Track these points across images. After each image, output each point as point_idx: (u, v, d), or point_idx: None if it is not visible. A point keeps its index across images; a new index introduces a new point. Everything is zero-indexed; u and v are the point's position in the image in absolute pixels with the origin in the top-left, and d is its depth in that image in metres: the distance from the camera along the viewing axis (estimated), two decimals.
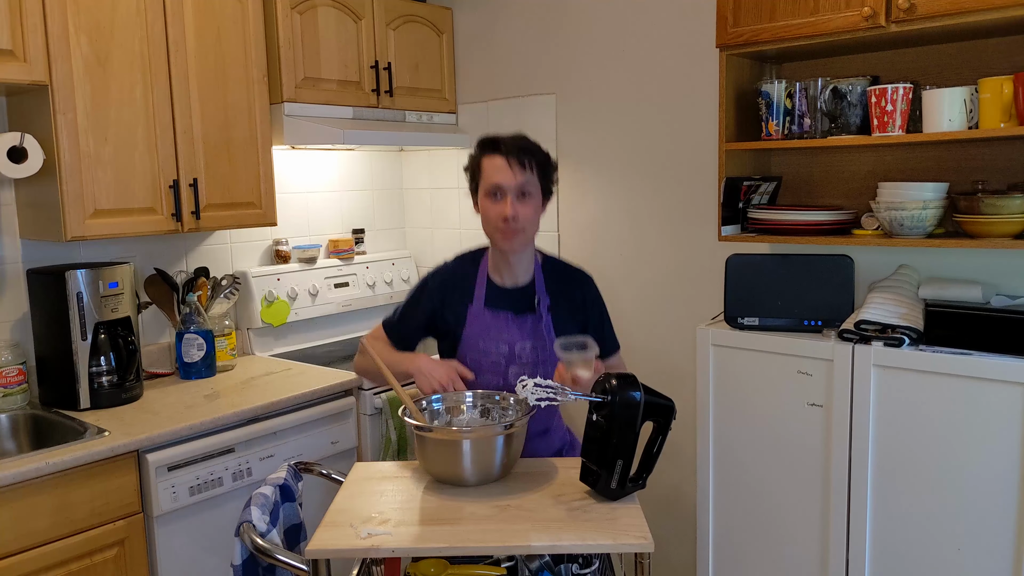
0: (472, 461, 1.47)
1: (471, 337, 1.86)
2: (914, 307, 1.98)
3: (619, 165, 2.80)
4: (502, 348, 1.84)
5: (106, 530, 1.98)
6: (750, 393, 2.12)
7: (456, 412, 1.68)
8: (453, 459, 1.48)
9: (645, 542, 1.30)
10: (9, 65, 2.01)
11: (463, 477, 1.49)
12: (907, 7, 1.83)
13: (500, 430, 1.48)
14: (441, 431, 1.51)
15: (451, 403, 1.69)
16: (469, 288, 1.89)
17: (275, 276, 2.92)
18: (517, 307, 1.86)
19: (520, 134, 1.82)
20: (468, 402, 1.69)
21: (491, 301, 1.87)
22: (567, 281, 1.91)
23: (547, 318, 1.85)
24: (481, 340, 1.85)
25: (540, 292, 1.87)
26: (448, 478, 1.51)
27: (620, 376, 1.46)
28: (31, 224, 2.30)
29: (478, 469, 1.49)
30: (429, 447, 1.49)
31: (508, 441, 1.49)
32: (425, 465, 1.53)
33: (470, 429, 1.55)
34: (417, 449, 1.53)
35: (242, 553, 1.46)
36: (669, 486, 2.78)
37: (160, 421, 2.11)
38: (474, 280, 1.90)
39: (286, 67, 2.62)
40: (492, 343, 1.84)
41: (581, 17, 2.84)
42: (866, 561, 1.96)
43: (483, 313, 1.86)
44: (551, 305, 1.87)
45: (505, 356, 1.84)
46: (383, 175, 3.42)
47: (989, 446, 1.77)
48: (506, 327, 1.84)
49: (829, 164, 2.31)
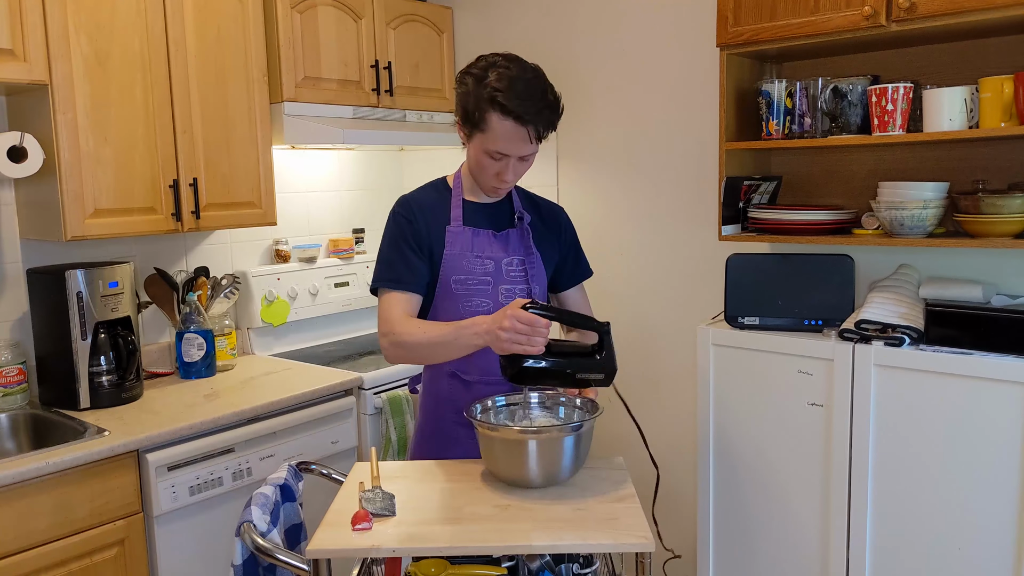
0: (538, 462, 1.44)
1: (452, 257, 1.73)
2: (914, 307, 1.98)
3: (619, 165, 2.80)
4: (488, 265, 1.74)
5: (106, 530, 1.98)
6: (750, 393, 2.12)
7: (521, 409, 1.62)
8: (519, 460, 1.44)
9: (646, 542, 1.30)
10: (9, 64, 2.01)
11: (528, 478, 1.46)
12: (908, 6, 1.83)
13: (568, 431, 1.44)
14: (505, 430, 1.45)
15: (513, 400, 1.63)
16: (444, 210, 1.77)
17: (275, 276, 2.92)
18: (497, 223, 1.78)
19: (537, 84, 1.61)
20: (534, 401, 1.64)
21: (469, 220, 1.76)
22: (538, 203, 1.87)
23: (527, 230, 1.79)
24: (464, 259, 1.73)
25: (517, 206, 1.81)
26: (513, 479, 1.48)
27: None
28: (31, 224, 2.30)
29: (544, 470, 1.45)
30: (496, 447, 1.46)
31: (577, 441, 1.46)
32: (490, 465, 1.50)
33: (536, 429, 1.48)
34: (482, 449, 1.50)
35: (243, 553, 1.46)
36: (669, 486, 2.78)
37: (160, 421, 2.11)
38: (448, 203, 1.78)
39: (286, 66, 2.62)
40: (477, 261, 1.73)
41: (581, 16, 2.84)
42: (866, 561, 1.96)
43: (463, 231, 1.74)
44: (531, 222, 1.81)
45: (492, 274, 1.74)
46: (383, 175, 3.42)
47: (989, 446, 1.77)
48: (488, 243, 1.75)
49: (829, 164, 2.31)
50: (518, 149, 1.63)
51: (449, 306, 1.75)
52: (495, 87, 1.58)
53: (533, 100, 1.58)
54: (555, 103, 1.63)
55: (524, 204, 1.84)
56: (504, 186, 1.72)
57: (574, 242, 1.91)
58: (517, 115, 1.58)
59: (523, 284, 1.76)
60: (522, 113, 1.57)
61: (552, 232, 1.85)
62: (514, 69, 1.61)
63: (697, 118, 2.60)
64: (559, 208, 1.91)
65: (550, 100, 1.62)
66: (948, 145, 2.12)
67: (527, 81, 1.60)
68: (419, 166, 3.43)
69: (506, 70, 1.60)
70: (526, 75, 1.60)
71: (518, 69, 1.61)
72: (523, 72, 1.61)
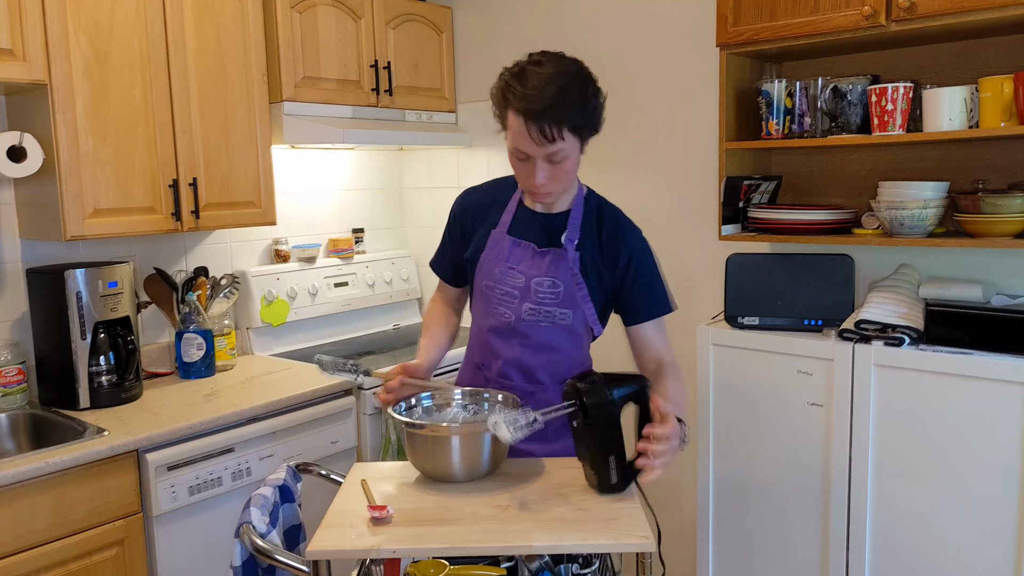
0: (461, 457, 1.47)
1: (487, 262, 1.69)
2: (914, 306, 1.98)
3: (619, 164, 2.80)
4: (517, 280, 1.66)
5: (105, 530, 1.98)
6: (750, 393, 2.12)
7: (443, 408, 1.65)
8: (443, 455, 1.47)
9: (646, 542, 1.29)
10: (8, 64, 2.01)
11: (452, 473, 1.49)
12: (907, 6, 1.83)
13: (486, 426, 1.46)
14: (431, 427, 1.48)
15: (440, 400, 1.66)
16: (498, 212, 1.71)
17: (275, 275, 2.92)
18: (544, 238, 1.68)
19: (554, 78, 1.45)
20: (457, 399, 1.66)
21: (517, 228, 1.69)
22: (605, 223, 1.69)
23: (573, 254, 1.65)
24: (497, 267, 1.68)
25: (573, 225, 1.66)
26: (437, 475, 1.51)
27: (583, 378, 1.42)
28: (30, 223, 2.30)
29: (467, 465, 1.48)
30: (418, 443, 1.49)
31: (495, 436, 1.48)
32: (415, 462, 1.53)
33: (458, 425, 1.52)
34: (407, 446, 1.53)
35: (242, 554, 1.46)
36: (669, 486, 2.78)
37: (160, 421, 2.11)
38: (505, 204, 1.71)
39: (286, 66, 2.62)
40: (509, 272, 1.67)
41: (581, 16, 2.83)
42: (866, 561, 1.96)
43: (504, 239, 1.68)
44: (582, 241, 1.66)
45: (520, 289, 1.67)
46: (383, 174, 3.42)
47: (989, 446, 1.77)
48: (525, 258, 1.67)
49: (829, 163, 2.31)
50: (531, 148, 1.50)
51: (480, 305, 1.77)
52: (507, 80, 1.50)
53: (540, 95, 1.45)
54: (577, 100, 1.47)
55: (588, 222, 1.68)
56: (539, 190, 1.57)
57: (641, 276, 1.68)
58: (516, 109, 1.48)
59: (551, 307, 1.67)
60: (522, 107, 1.46)
61: (608, 261, 1.68)
62: (533, 62, 1.50)
63: (697, 118, 2.60)
64: (630, 235, 1.69)
65: (568, 97, 1.46)
66: (948, 145, 2.12)
67: (541, 75, 1.46)
68: (419, 166, 3.43)
69: (528, 63, 1.50)
70: (543, 69, 1.47)
71: (537, 63, 1.49)
72: (540, 66, 1.48)
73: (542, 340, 1.71)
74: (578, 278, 1.66)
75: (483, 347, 1.79)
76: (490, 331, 1.76)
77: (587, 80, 1.51)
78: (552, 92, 1.45)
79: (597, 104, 1.53)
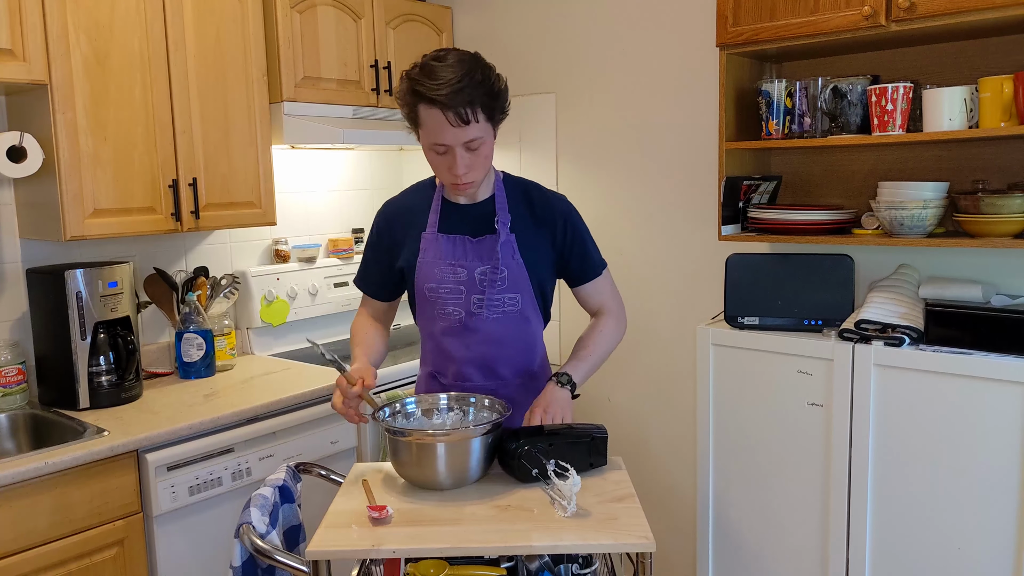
0: (447, 464, 1.45)
1: (425, 265, 1.72)
2: (914, 306, 1.98)
3: (619, 164, 2.80)
4: (460, 274, 1.70)
5: (105, 530, 1.98)
6: (750, 393, 2.12)
7: (430, 415, 1.64)
8: (429, 463, 1.45)
9: (647, 542, 1.29)
10: (8, 64, 2.01)
11: (438, 481, 1.47)
12: (907, 6, 1.83)
13: (475, 432, 1.46)
14: (417, 434, 1.46)
15: (426, 406, 1.65)
16: (422, 215, 1.75)
17: (275, 275, 2.92)
18: (476, 228, 1.72)
19: (455, 67, 1.54)
20: (443, 404, 1.65)
21: (447, 225, 1.73)
22: (532, 199, 1.77)
23: (508, 237, 1.70)
24: (436, 268, 1.71)
25: (501, 208, 1.72)
26: (422, 483, 1.49)
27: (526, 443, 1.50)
28: (30, 224, 2.30)
29: (453, 472, 1.46)
30: (402, 450, 1.48)
31: (485, 443, 1.48)
32: (399, 469, 1.51)
33: (445, 432, 1.48)
34: (390, 453, 1.51)
35: (242, 555, 1.46)
36: (669, 486, 2.78)
37: (159, 421, 2.11)
38: (428, 205, 1.75)
39: (286, 66, 2.62)
40: (448, 270, 1.70)
41: (581, 16, 2.83)
42: (866, 561, 1.96)
43: (437, 238, 1.71)
44: (513, 222, 1.72)
45: (464, 283, 1.70)
46: (383, 174, 3.42)
47: (989, 446, 1.77)
48: (463, 251, 1.70)
49: (829, 163, 2.31)
50: (452, 136, 1.56)
51: (426, 311, 1.78)
52: (413, 77, 1.57)
53: (447, 81, 1.52)
54: (483, 82, 1.55)
55: (514, 202, 1.75)
56: (461, 181, 1.63)
57: (578, 236, 1.78)
58: (430, 99, 1.53)
59: (498, 294, 1.70)
60: (435, 96, 1.52)
61: (545, 229, 1.75)
62: (434, 58, 1.57)
63: (697, 118, 2.60)
64: (557, 200, 1.78)
65: (474, 79, 1.54)
66: (948, 145, 2.12)
67: (446, 66, 1.54)
68: (418, 166, 3.43)
69: (429, 60, 1.57)
70: (446, 62, 1.55)
71: (437, 58, 1.57)
72: (442, 60, 1.56)
73: (495, 333, 1.74)
74: (518, 258, 1.71)
75: (436, 353, 1.81)
76: (442, 334, 1.77)
77: (488, 67, 1.60)
78: (459, 77, 1.53)
79: (501, 88, 1.62)
